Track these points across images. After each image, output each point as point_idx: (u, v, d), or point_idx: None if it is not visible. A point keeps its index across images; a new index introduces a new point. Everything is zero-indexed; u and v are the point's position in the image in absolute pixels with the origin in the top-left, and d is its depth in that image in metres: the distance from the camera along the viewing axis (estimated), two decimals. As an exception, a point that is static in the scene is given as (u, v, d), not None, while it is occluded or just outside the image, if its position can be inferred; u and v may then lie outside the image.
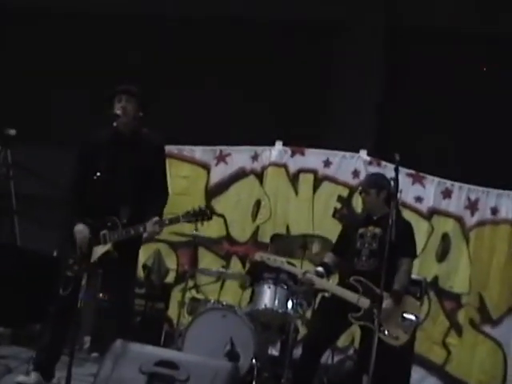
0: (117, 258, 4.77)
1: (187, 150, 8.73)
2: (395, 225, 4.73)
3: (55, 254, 8.12)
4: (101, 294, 7.38)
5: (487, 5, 10.11)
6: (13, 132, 8.44)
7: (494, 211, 7.97)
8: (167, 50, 11.53)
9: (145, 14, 11.71)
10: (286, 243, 7.25)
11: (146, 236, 4.90)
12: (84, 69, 11.66)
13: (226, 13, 11.25)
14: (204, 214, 4.68)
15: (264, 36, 11.18)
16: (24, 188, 8.56)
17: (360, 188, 5.88)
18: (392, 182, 4.96)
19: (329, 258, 5.70)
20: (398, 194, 5.01)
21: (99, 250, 4.68)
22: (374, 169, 7.84)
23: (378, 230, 5.36)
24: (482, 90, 10.25)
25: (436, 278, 7.88)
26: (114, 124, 4.76)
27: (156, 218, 4.70)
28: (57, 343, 4.87)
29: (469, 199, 8.05)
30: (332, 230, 7.19)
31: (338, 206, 8.20)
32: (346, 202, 8.17)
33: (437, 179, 8.16)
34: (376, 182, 5.55)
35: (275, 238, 7.42)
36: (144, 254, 7.64)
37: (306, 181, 8.37)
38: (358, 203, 7.77)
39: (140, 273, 7.70)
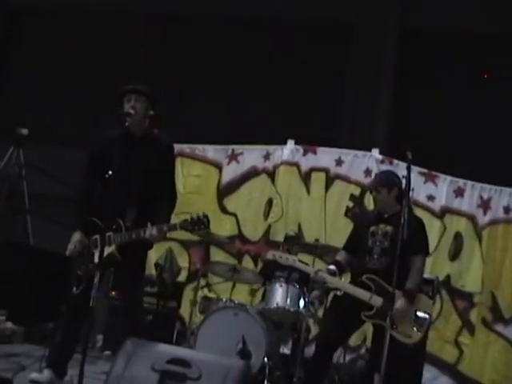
0: (119, 260, 4.78)
1: (199, 149, 8.74)
2: (407, 222, 4.71)
3: (67, 252, 8.14)
4: (113, 293, 7.42)
5: (501, 6, 10.07)
6: (25, 131, 8.47)
7: (507, 210, 7.92)
8: (180, 49, 11.57)
9: (153, 12, 11.80)
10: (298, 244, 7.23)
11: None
12: (96, 69, 11.72)
13: (241, 12, 11.31)
14: (201, 223, 4.67)
15: (278, 36, 11.21)
16: (36, 187, 8.59)
17: (371, 187, 5.85)
18: (404, 180, 4.94)
19: (341, 255, 5.68)
20: (410, 193, 4.98)
21: (104, 252, 4.69)
22: (385, 167, 7.78)
23: (389, 228, 5.33)
24: (495, 89, 10.23)
25: (448, 277, 7.85)
26: (126, 124, 4.76)
27: (157, 225, 4.70)
28: (70, 341, 4.89)
29: (481, 198, 8.01)
30: (344, 229, 7.18)
31: (350, 204, 8.19)
32: (358, 200, 8.16)
33: (449, 178, 8.13)
34: (387, 181, 5.52)
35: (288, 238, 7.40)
36: (156, 253, 7.68)
37: (318, 179, 8.36)
38: (370, 202, 7.75)
39: (152, 271, 7.73)
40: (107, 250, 4.71)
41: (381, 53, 10.75)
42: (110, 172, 4.43)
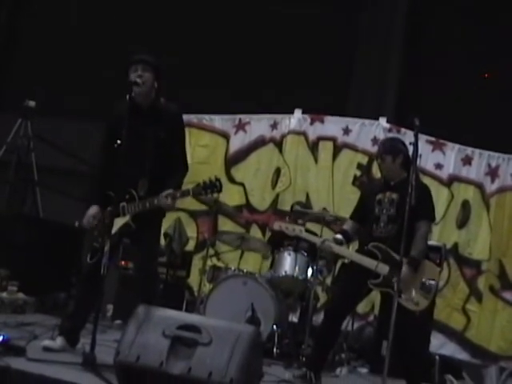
0: (134, 229, 4.81)
1: (207, 119, 8.76)
2: (414, 189, 4.70)
3: (76, 224, 8.21)
4: (123, 262, 7.48)
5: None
6: (32, 104, 8.50)
7: (515, 178, 7.93)
8: (187, 18, 11.52)
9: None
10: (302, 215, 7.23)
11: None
12: (105, 40, 11.69)
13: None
14: (214, 186, 4.67)
15: (286, 4, 11.13)
16: (44, 159, 8.63)
17: (376, 155, 5.84)
18: (410, 147, 4.92)
19: (348, 224, 5.69)
20: (418, 159, 4.96)
21: (119, 222, 4.73)
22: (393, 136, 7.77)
23: (395, 196, 5.32)
24: (504, 56, 10.14)
25: (456, 245, 7.86)
26: (132, 93, 4.76)
27: (168, 191, 4.70)
28: (82, 310, 4.93)
29: (489, 166, 7.99)
30: (352, 198, 7.20)
31: (358, 173, 8.19)
32: (365, 169, 8.16)
33: (457, 146, 8.10)
34: (391, 148, 5.49)
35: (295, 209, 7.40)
36: (165, 223, 7.66)
37: (326, 148, 8.35)
38: (377, 170, 7.73)
39: (161, 241, 7.77)
40: (122, 220, 4.76)
41: (390, 21, 10.67)
42: (119, 141, 4.45)
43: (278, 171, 8.44)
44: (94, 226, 4.89)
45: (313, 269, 6.61)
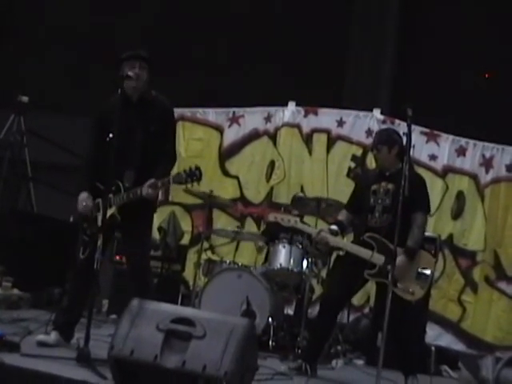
0: (120, 221, 4.79)
1: (200, 113, 8.75)
2: (408, 179, 4.69)
3: (71, 219, 8.19)
4: (117, 257, 7.47)
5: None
6: (25, 99, 8.46)
7: (509, 168, 7.92)
8: (179, 11, 11.49)
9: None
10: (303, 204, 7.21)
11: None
12: (97, 36, 11.66)
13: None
14: (193, 175, 4.64)
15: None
16: (38, 155, 8.60)
17: (371, 145, 5.83)
18: (404, 137, 4.91)
19: (343, 215, 5.68)
20: (411, 150, 4.95)
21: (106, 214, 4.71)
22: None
23: (390, 186, 5.32)
24: (499, 47, 10.14)
25: (451, 236, 7.88)
26: (123, 87, 4.74)
27: (150, 181, 4.69)
28: (76, 305, 4.92)
29: (483, 156, 8.00)
30: (346, 190, 7.17)
31: (352, 165, 8.19)
32: (359, 161, 8.16)
33: (451, 137, 8.11)
34: (387, 138, 5.48)
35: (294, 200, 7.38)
36: (159, 217, 7.70)
37: (320, 141, 8.35)
38: (372, 162, 7.76)
39: (156, 235, 7.77)
40: (108, 212, 4.73)
41: (384, 13, 10.65)
42: (111, 135, 4.43)
43: (272, 164, 8.44)
44: (88, 211, 4.82)
45: (308, 261, 6.60)
